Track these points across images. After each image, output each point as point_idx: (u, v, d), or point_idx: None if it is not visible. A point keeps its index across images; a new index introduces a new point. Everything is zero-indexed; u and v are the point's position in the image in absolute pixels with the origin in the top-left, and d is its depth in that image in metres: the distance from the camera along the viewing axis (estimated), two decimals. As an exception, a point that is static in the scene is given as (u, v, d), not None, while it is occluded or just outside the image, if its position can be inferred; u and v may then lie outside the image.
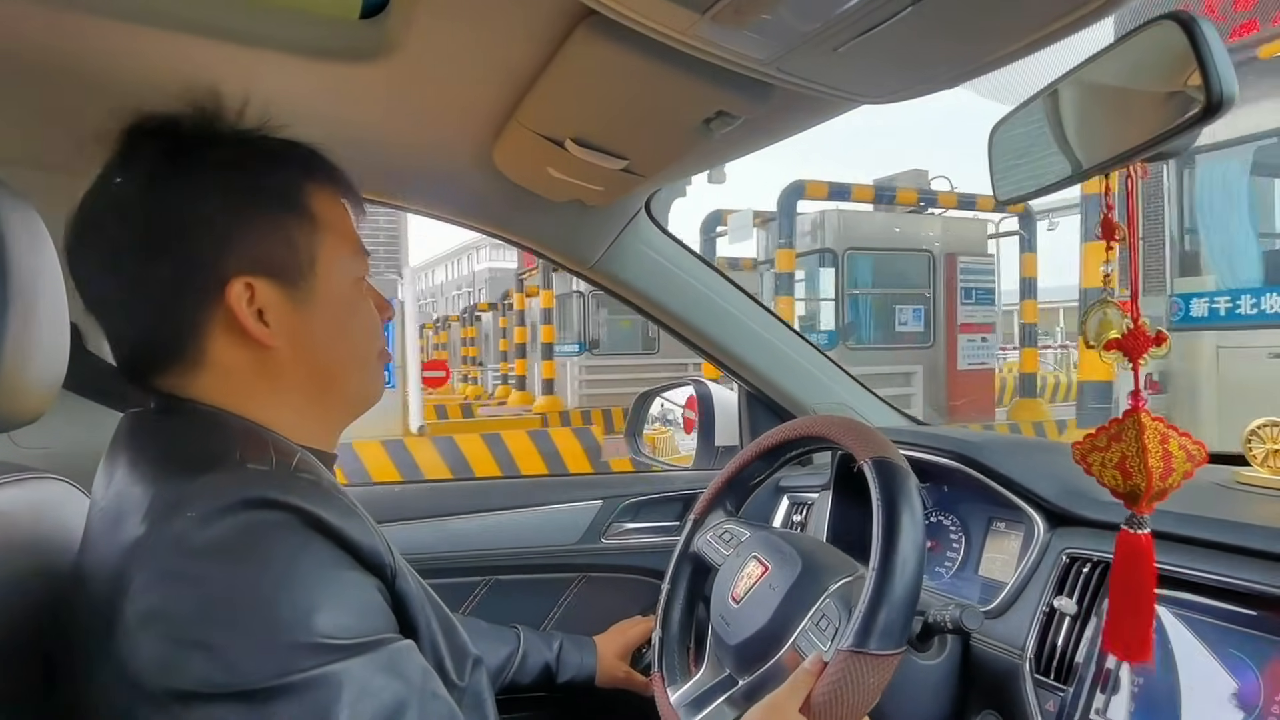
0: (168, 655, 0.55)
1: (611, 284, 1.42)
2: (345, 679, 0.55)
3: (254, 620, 0.55)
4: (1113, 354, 0.66)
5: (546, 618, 1.41)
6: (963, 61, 0.70)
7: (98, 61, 0.93)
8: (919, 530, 0.80)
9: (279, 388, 0.72)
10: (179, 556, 0.57)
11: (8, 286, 0.66)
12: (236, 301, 0.68)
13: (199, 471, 0.60)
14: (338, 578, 0.60)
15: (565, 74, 0.86)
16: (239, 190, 0.70)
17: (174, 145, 0.70)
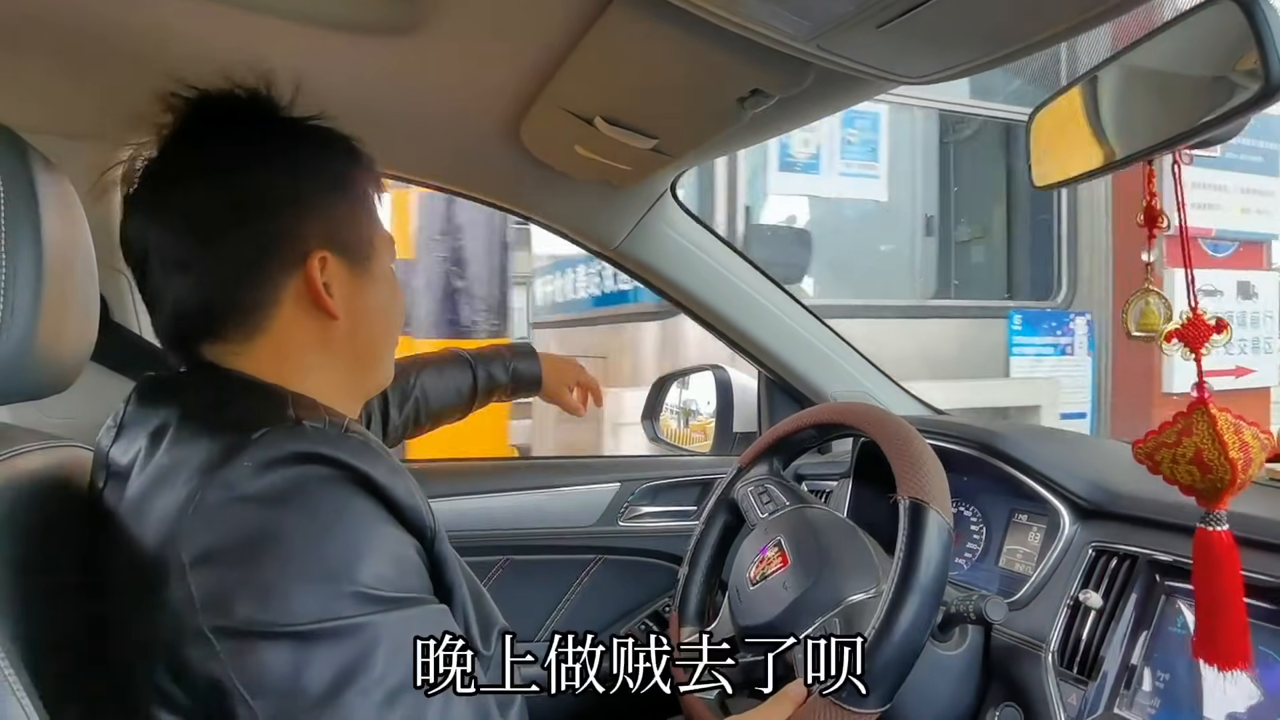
0: (217, 593, 0.56)
1: (634, 266, 1.41)
2: (383, 631, 0.57)
3: (301, 564, 0.57)
4: (1173, 344, 0.65)
5: (563, 598, 1.41)
6: (1009, 41, 0.69)
7: (125, 31, 0.93)
8: (936, 586, 0.78)
9: (327, 361, 0.74)
10: (232, 502, 0.59)
11: (42, 256, 0.67)
12: (314, 272, 0.71)
13: (255, 427, 0.62)
14: (381, 533, 0.62)
15: (598, 50, 0.85)
16: (313, 170, 0.74)
17: (252, 121, 0.73)
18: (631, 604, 1.45)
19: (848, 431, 1.06)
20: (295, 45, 0.95)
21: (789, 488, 1.06)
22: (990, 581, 1.09)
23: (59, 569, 0.68)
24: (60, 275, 0.69)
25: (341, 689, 0.55)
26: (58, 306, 0.69)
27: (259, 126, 0.73)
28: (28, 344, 0.66)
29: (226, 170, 0.70)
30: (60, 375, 0.73)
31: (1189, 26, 0.65)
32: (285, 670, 0.55)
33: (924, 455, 0.86)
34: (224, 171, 0.70)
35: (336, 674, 0.55)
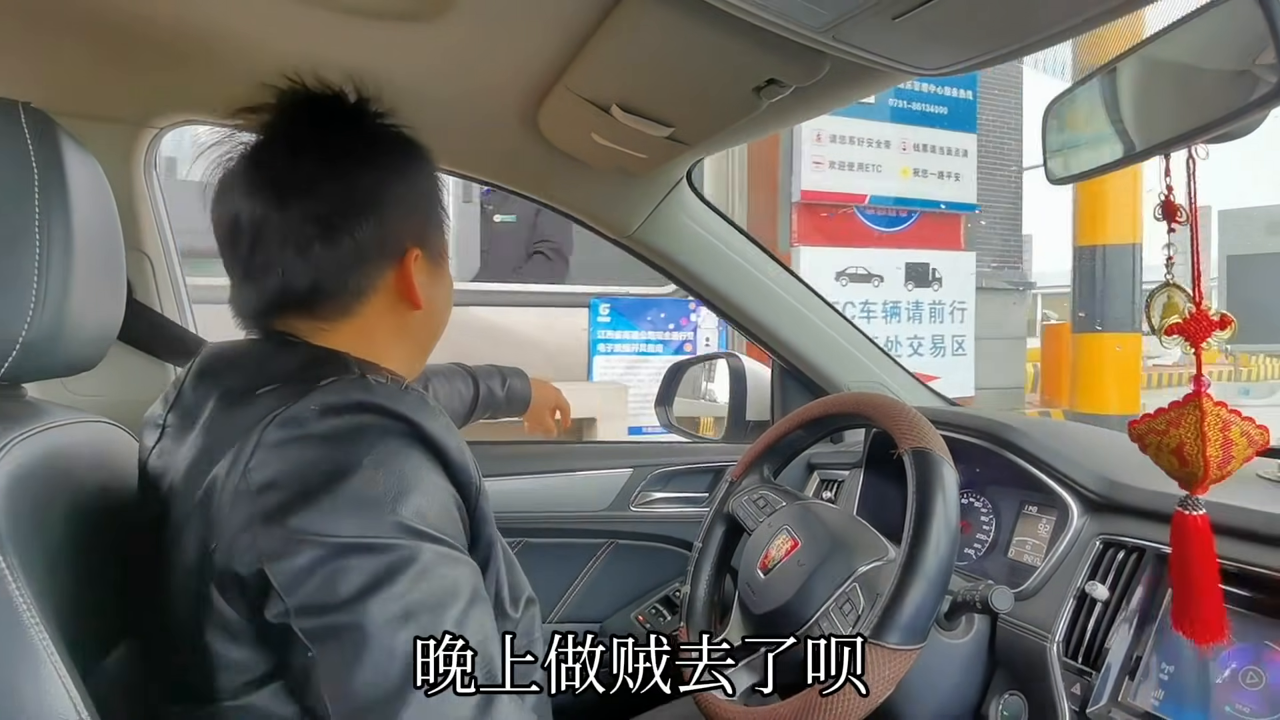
0: (275, 510, 0.63)
1: (649, 253, 1.41)
2: (414, 556, 0.62)
3: (352, 492, 0.63)
4: (1173, 338, 0.65)
5: (574, 581, 1.43)
6: (1025, 34, 0.69)
7: (153, 16, 0.94)
8: (953, 528, 0.80)
9: (400, 346, 0.82)
10: (298, 438, 0.65)
11: (74, 238, 0.69)
12: (410, 267, 0.79)
13: (322, 378, 0.68)
14: (430, 480, 0.67)
15: (616, 38, 0.86)
16: (409, 172, 0.81)
17: (359, 123, 0.80)
18: (643, 588, 1.46)
19: (839, 423, 1.07)
20: (317, 31, 0.96)
21: (784, 490, 1.08)
22: (999, 572, 1.09)
23: (91, 536, 0.70)
24: (90, 256, 0.71)
25: (366, 595, 0.60)
26: (88, 286, 0.71)
27: (367, 129, 0.80)
28: (61, 323, 0.69)
29: (347, 168, 0.76)
30: (89, 353, 0.76)
31: (1209, 20, 0.65)
32: (320, 571, 0.61)
33: (919, 418, 0.89)
34: (345, 169, 0.76)
35: (365, 582, 0.60)
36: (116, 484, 0.78)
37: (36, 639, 0.55)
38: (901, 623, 0.77)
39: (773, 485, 1.09)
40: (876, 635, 0.76)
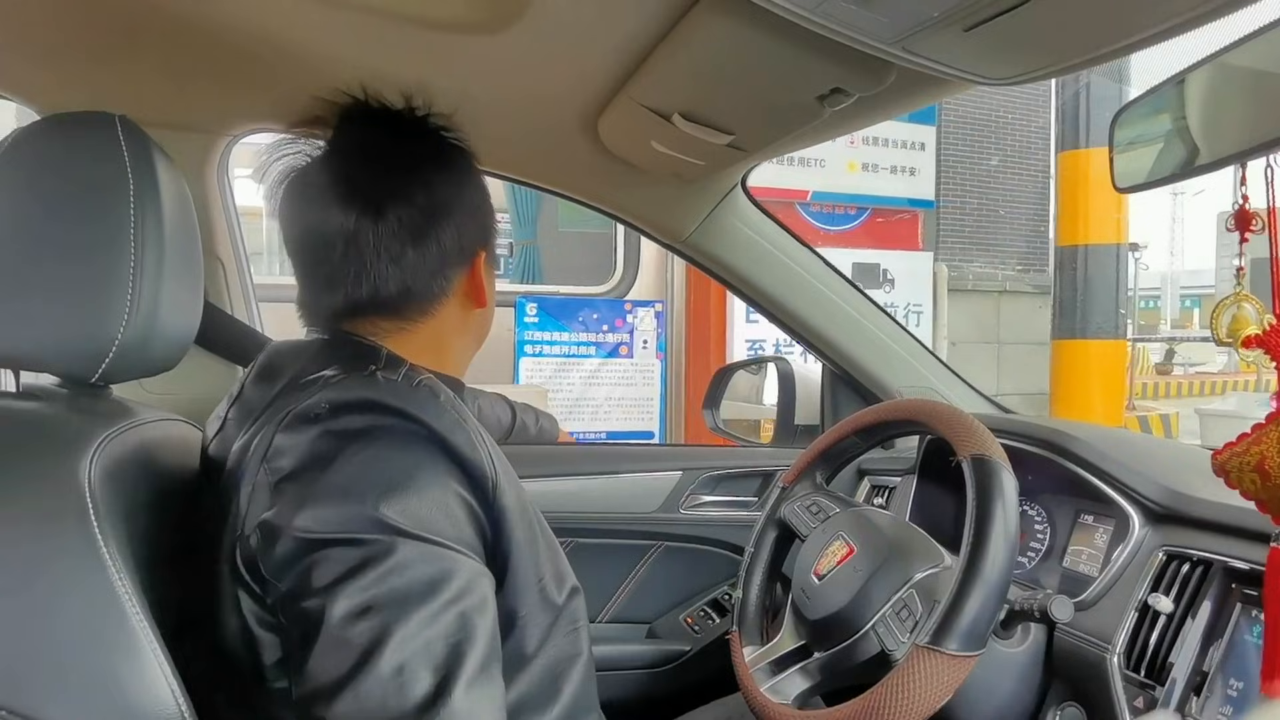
0: (279, 502, 0.66)
1: (703, 258, 1.42)
2: (388, 551, 0.62)
3: (337, 483, 0.65)
4: (1252, 351, 0.64)
5: (624, 582, 1.44)
6: (1098, 44, 0.69)
7: (233, 29, 0.97)
8: (1012, 536, 0.80)
9: (462, 342, 0.88)
10: (307, 432, 0.67)
11: (163, 244, 0.72)
12: (480, 268, 0.85)
13: (341, 375, 0.71)
14: (426, 477, 0.67)
15: (680, 48, 0.87)
16: (473, 179, 0.86)
17: (428, 133, 0.84)
18: (691, 591, 1.47)
19: (894, 430, 1.07)
20: (387, 43, 0.99)
21: (837, 496, 1.08)
22: (1054, 581, 1.08)
23: (171, 530, 0.73)
24: (176, 261, 0.75)
25: (334, 587, 0.61)
26: (173, 291, 0.75)
27: (433, 138, 0.84)
28: (151, 326, 0.72)
29: (429, 177, 0.80)
30: (172, 354, 0.79)
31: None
32: (302, 562, 0.63)
33: (978, 425, 0.89)
34: (427, 178, 0.80)
35: (336, 575, 0.61)
36: (191, 480, 0.82)
37: (138, 628, 0.58)
38: (960, 629, 0.77)
39: (825, 491, 1.10)
40: (935, 641, 0.77)
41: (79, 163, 0.71)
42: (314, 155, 0.81)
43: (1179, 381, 13.08)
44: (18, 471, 0.60)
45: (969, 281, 6.09)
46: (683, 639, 1.42)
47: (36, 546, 0.57)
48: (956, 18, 0.65)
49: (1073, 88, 3.95)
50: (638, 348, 3.43)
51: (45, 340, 0.69)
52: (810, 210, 4.21)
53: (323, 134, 0.82)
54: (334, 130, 0.81)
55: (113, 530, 0.60)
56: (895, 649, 0.84)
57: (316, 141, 0.82)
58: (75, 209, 0.70)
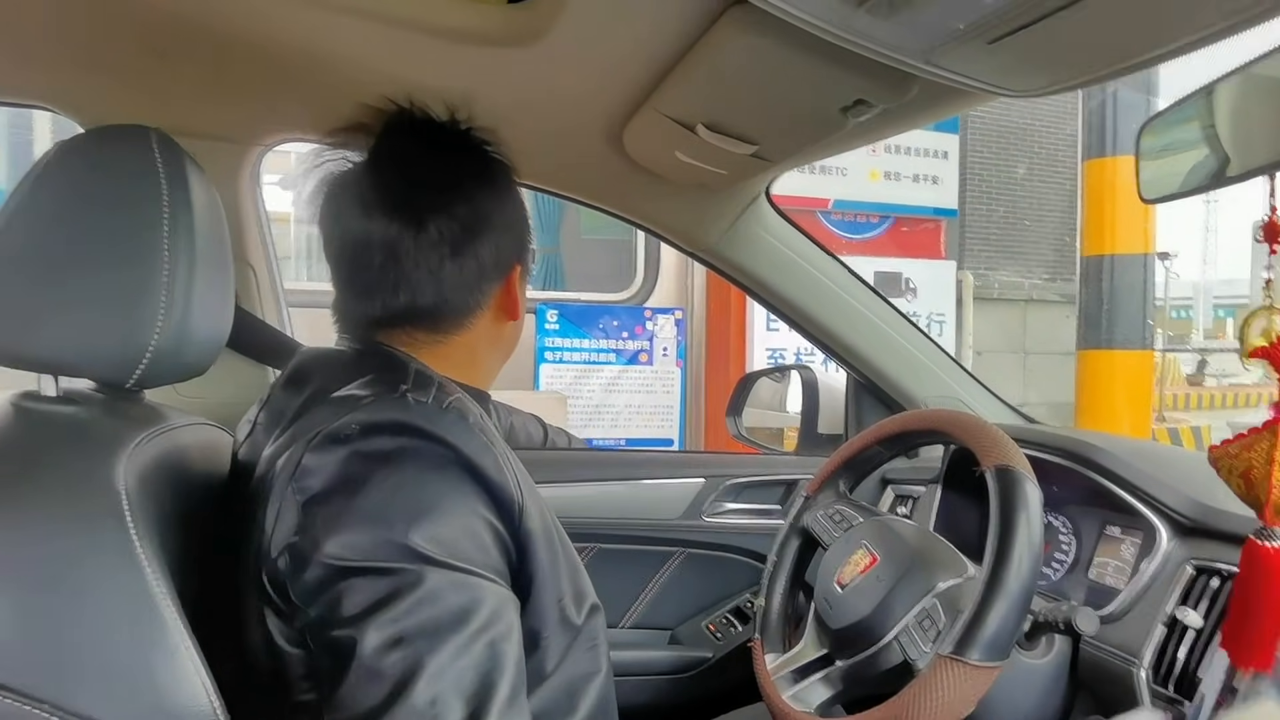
0: (306, 524, 0.66)
1: (726, 266, 1.43)
2: (418, 581, 0.62)
3: (368, 511, 0.65)
4: (1257, 362, 0.64)
5: (646, 589, 1.45)
6: (1124, 56, 0.69)
7: (267, 41, 1.00)
8: (1036, 546, 0.79)
9: (493, 355, 0.88)
10: (337, 454, 0.67)
11: (195, 252, 0.74)
12: (515, 282, 0.86)
13: (372, 395, 0.72)
14: (454, 502, 0.67)
15: (705, 61, 0.88)
16: (511, 193, 0.86)
17: (469, 146, 0.85)
18: (713, 598, 1.47)
19: (917, 440, 1.07)
20: (416, 55, 1.01)
21: (860, 505, 1.08)
22: (1079, 593, 1.08)
23: (201, 533, 0.75)
24: (207, 268, 0.76)
25: (365, 616, 0.61)
26: (204, 297, 0.76)
27: (476, 151, 0.85)
28: (183, 332, 0.74)
29: (471, 191, 0.81)
30: (204, 359, 0.81)
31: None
32: (330, 590, 0.63)
33: (1002, 434, 0.89)
34: (469, 191, 0.81)
35: (366, 605, 0.62)
36: (221, 484, 0.84)
37: (172, 626, 0.59)
38: (984, 639, 0.77)
39: (849, 500, 1.10)
40: (958, 651, 0.77)
41: (116, 175, 0.73)
42: (355, 164, 0.82)
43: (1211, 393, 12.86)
44: (57, 473, 0.62)
45: (995, 290, 6.04)
46: (705, 646, 1.42)
47: (74, 545, 0.58)
48: (980, 31, 0.66)
49: (1099, 96, 3.91)
50: (658, 355, 3.44)
51: (83, 346, 0.71)
52: (832, 219, 4.20)
53: (363, 143, 0.82)
54: (377, 139, 0.82)
55: (147, 531, 0.61)
56: (918, 659, 0.83)
57: (357, 150, 0.82)
58: (112, 220, 0.72)
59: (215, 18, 0.94)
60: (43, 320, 0.70)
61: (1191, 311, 24.29)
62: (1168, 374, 12.13)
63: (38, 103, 1.16)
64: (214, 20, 0.94)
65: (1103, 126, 3.99)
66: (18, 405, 0.70)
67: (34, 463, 0.63)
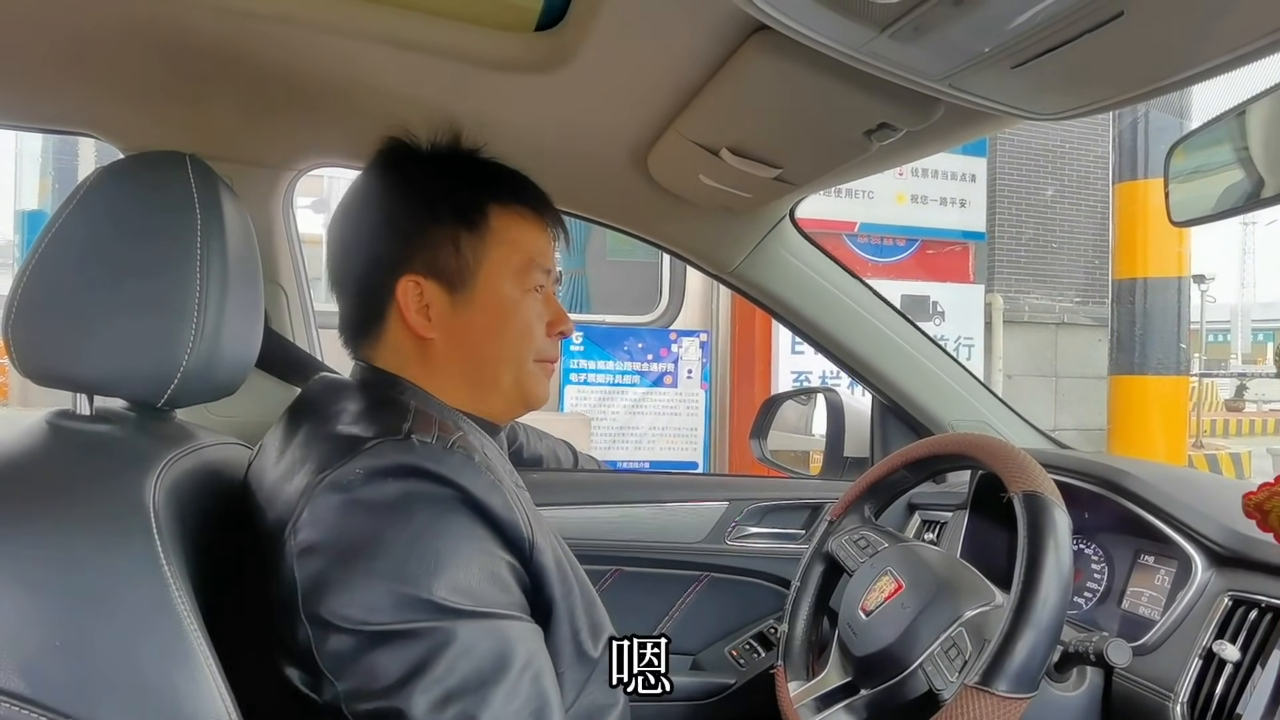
0: (315, 583, 0.65)
1: (751, 289, 1.43)
2: (451, 638, 0.62)
3: (387, 571, 0.64)
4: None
5: (669, 612, 1.44)
6: (1150, 79, 0.68)
7: (297, 68, 1.02)
8: (1065, 574, 0.78)
9: (434, 371, 0.84)
10: (340, 504, 0.67)
11: (227, 275, 0.76)
12: (403, 296, 0.82)
13: (373, 436, 0.70)
14: (470, 546, 0.67)
15: (729, 86, 0.89)
16: (425, 203, 0.83)
17: (391, 157, 0.86)
18: (736, 623, 1.46)
19: (944, 465, 1.05)
20: (446, 81, 1.03)
21: (885, 531, 1.07)
22: (1112, 623, 1.05)
23: (225, 550, 0.76)
24: (238, 290, 0.78)
25: (407, 682, 0.61)
26: (235, 319, 0.78)
27: (399, 162, 0.86)
28: (214, 352, 0.75)
29: (365, 200, 0.84)
30: (233, 380, 0.83)
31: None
32: (361, 661, 0.62)
33: (1030, 460, 0.87)
34: (364, 201, 0.84)
35: (405, 669, 0.61)
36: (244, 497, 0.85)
37: (194, 643, 0.59)
38: (1012, 670, 0.75)
39: (874, 526, 1.09)
40: (985, 682, 0.75)
41: (152, 199, 0.76)
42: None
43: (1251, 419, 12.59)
44: (89, 489, 0.64)
45: (1025, 313, 5.97)
46: (727, 672, 1.40)
47: (103, 560, 0.59)
48: (1005, 55, 0.66)
49: (1129, 118, 3.87)
50: (682, 377, 3.43)
51: (117, 366, 0.73)
52: (858, 242, 4.20)
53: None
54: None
55: (174, 548, 0.62)
56: (944, 688, 0.82)
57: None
58: (147, 243, 0.74)
59: (251, 48, 0.97)
60: (79, 340, 0.72)
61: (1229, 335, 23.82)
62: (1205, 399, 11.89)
63: (81, 130, 1.20)
64: (250, 50, 0.97)
65: (1134, 149, 3.95)
66: (53, 424, 0.72)
67: (66, 479, 0.64)
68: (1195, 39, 0.64)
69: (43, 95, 1.12)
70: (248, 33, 0.94)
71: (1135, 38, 0.63)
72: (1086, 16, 0.59)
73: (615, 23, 0.84)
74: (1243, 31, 0.60)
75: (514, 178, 0.88)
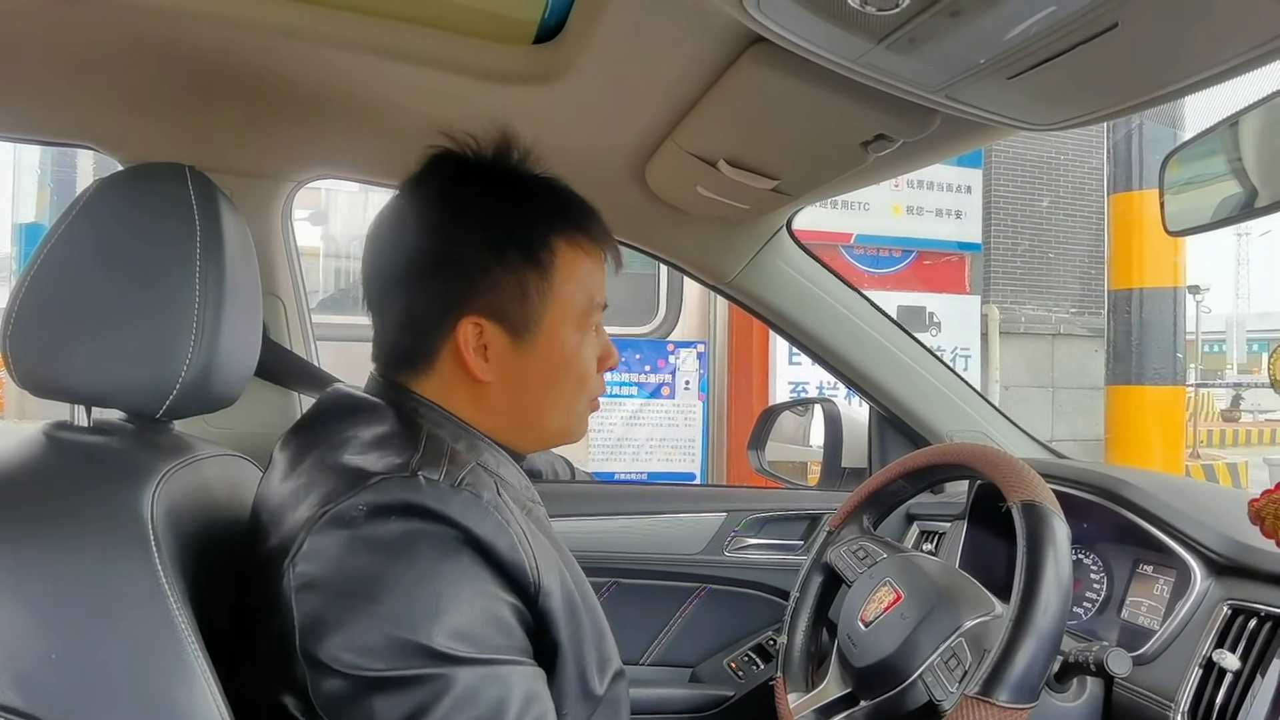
0: (313, 621, 0.63)
1: (748, 299, 1.43)
2: (450, 686, 0.61)
3: (386, 615, 0.62)
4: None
5: (667, 625, 1.43)
6: (1145, 90, 0.69)
7: (296, 80, 1.02)
8: (1064, 584, 0.78)
9: (485, 411, 0.80)
10: (342, 540, 0.65)
11: (225, 287, 0.76)
12: (463, 337, 0.77)
13: (379, 471, 0.68)
14: (473, 589, 0.65)
15: (726, 97, 0.89)
16: (489, 241, 0.78)
17: (443, 176, 0.81)
18: (735, 635, 1.45)
19: (942, 475, 1.05)
20: (445, 95, 1.03)
21: (884, 542, 1.06)
22: (1111, 633, 1.05)
23: (223, 563, 0.76)
24: (236, 302, 0.78)
25: None
26: (234, 329, 0.78)
27: (456, 190, 0.80)
28: (213, 363, 0.75)
29: (417, 225, 0.78)
30: (230, 392, 0.82)
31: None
32: (357, 704, 0.61)
33: (1028, 470, 0.87)
34: (416, 227, 0.78)
35: (402, 715, 0.60)
36: (245, 515, 0.84)
37: (191, 656, 0.59)
38: (1012, 680, 0.75)
39: (872, 536, 1.08)
40: (985, 692, 0.75)
41: (152, 211, 0.76)
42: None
43: (1247, 429, 12.62)
44: (87, 501, 0.63)
45: (1021, 324, 5.99)
46: (726, 684, 1.40)
47: (100, 572, 0.59)
48: (1001, 66, 0.66)
49: (1124, 129, 3.90)
50: (680, 389, 3.39)
51: (115, 377, 0.73)
52: (854, 253, 4.22)
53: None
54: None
55: (171, 560, 0.62)
56: (944, 699, 0.82)
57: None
58: (147, 254, 0.74)
59: (250, 61, 0.97)
60: (77, 352, 0.71)
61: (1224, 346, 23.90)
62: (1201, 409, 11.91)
63: (81, 142, 1.20)
64: (249, 63, 0.97)
65: (1129, 160, 3.98)
66: (50, 435, 0.71)
67: (64, 492, 0.64)
68: (1189, 50, 0.64)
69: (42, 107, 1.12)
70: (246, 45, 0.94)
71: (1129, 49, 0.63)
72: (1081, 28, 0.59)
73: (613, 35, 0.85)
74: (1235, 43, 0.61)
75: (576, 204, 0.84)
